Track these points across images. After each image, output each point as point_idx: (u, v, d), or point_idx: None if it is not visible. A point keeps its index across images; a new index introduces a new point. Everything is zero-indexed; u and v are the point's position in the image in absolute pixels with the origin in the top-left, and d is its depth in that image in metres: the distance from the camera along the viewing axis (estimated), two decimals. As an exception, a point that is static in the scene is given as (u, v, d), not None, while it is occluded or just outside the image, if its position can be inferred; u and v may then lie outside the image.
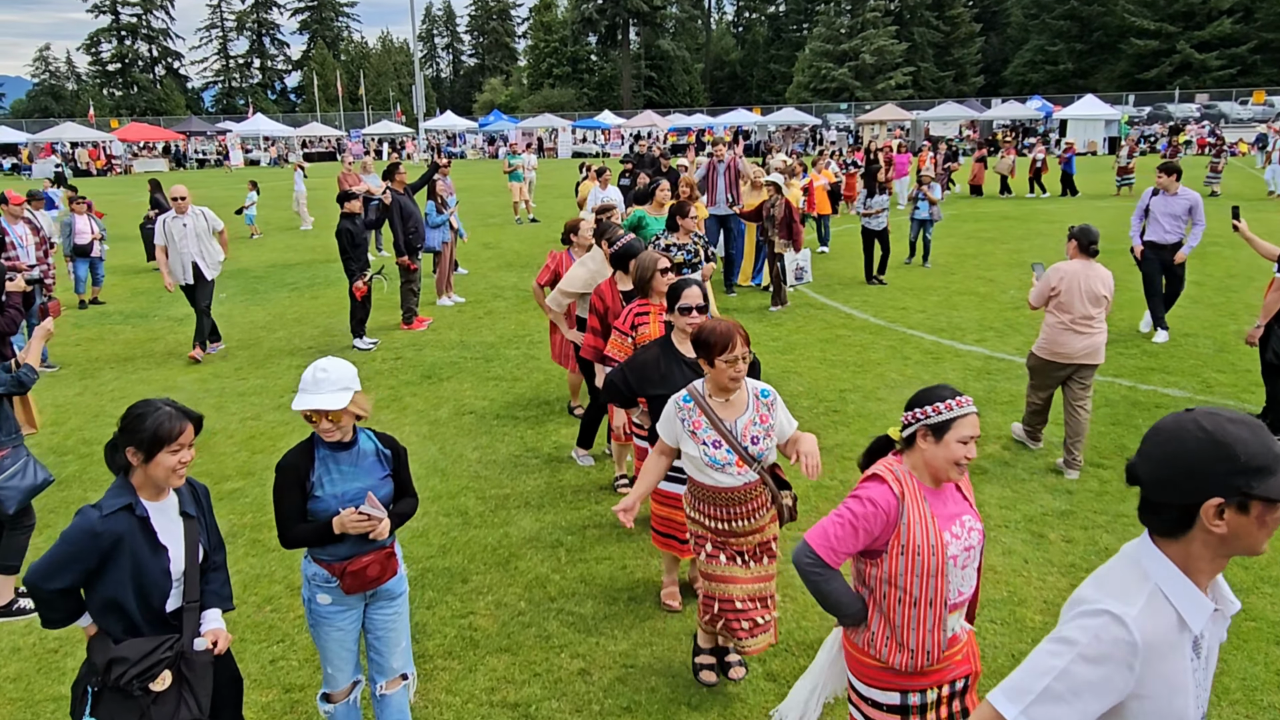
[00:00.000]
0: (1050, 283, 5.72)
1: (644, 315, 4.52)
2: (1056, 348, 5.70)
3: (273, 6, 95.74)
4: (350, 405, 2.91)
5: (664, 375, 3.76)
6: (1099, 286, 5.61)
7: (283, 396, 7.78)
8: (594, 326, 5.21)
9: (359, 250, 9.18)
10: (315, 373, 2.92)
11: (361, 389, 3.05)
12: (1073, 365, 5.69)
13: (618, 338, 4.56)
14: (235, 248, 17.44)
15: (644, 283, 4.48)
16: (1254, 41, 61.55)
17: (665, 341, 3.90)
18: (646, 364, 3.83)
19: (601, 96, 79.56)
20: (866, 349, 8.78)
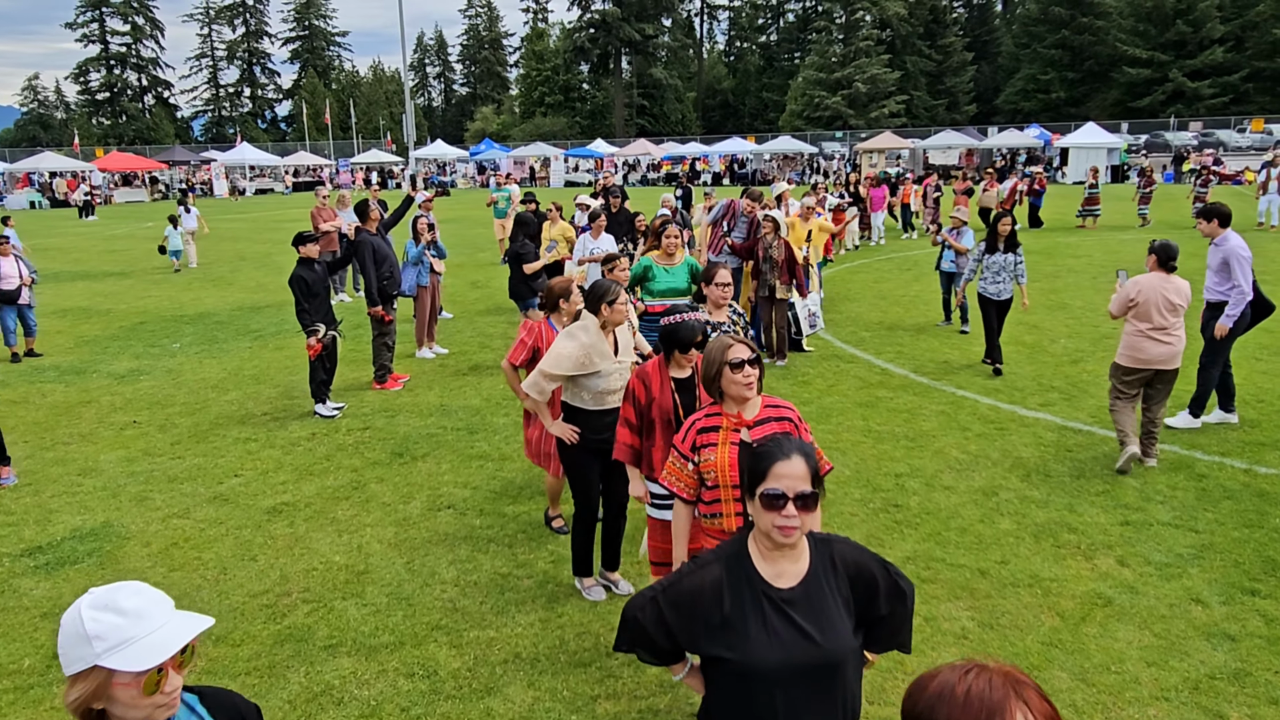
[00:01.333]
0: (1129, 294, 6.18)
1: (711, 431, 3.11)
2: (1137, 354, 6.16)
3: (264, 36, 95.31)
4: None
5: (727, 621, 2.08)
6: (1175, 297, 6.08)
7: (221, 483, 6.45)
8: (628, 419, 3.99)
9: (316, 302, 7.89)
10: (122, 599, 1.59)
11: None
12: (1151, 370, 6.16)
13: (677, 462, 3.19)
14: (201, 288, 16.16)
15: (711, 381, 3.15)
16: (1246, 70, 61.52)
17: (735, 552, 2.16)
18: (698, 596, 2.13)
19: (594, 125, 79.00)
20: (915, 415, 7.52)
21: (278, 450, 7.13)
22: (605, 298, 4.35)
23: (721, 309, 5.31)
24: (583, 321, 4.47)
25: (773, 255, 9.04)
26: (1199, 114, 60.77)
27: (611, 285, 4.50)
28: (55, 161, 50.29)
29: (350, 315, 12.48)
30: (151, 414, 8.26)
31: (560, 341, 4.42)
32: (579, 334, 4.40)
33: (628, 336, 4.61)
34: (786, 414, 3.08)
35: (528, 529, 5.51)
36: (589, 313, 4.45)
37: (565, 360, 4.35)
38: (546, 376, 4.40)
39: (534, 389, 4.43)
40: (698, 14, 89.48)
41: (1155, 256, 6.26)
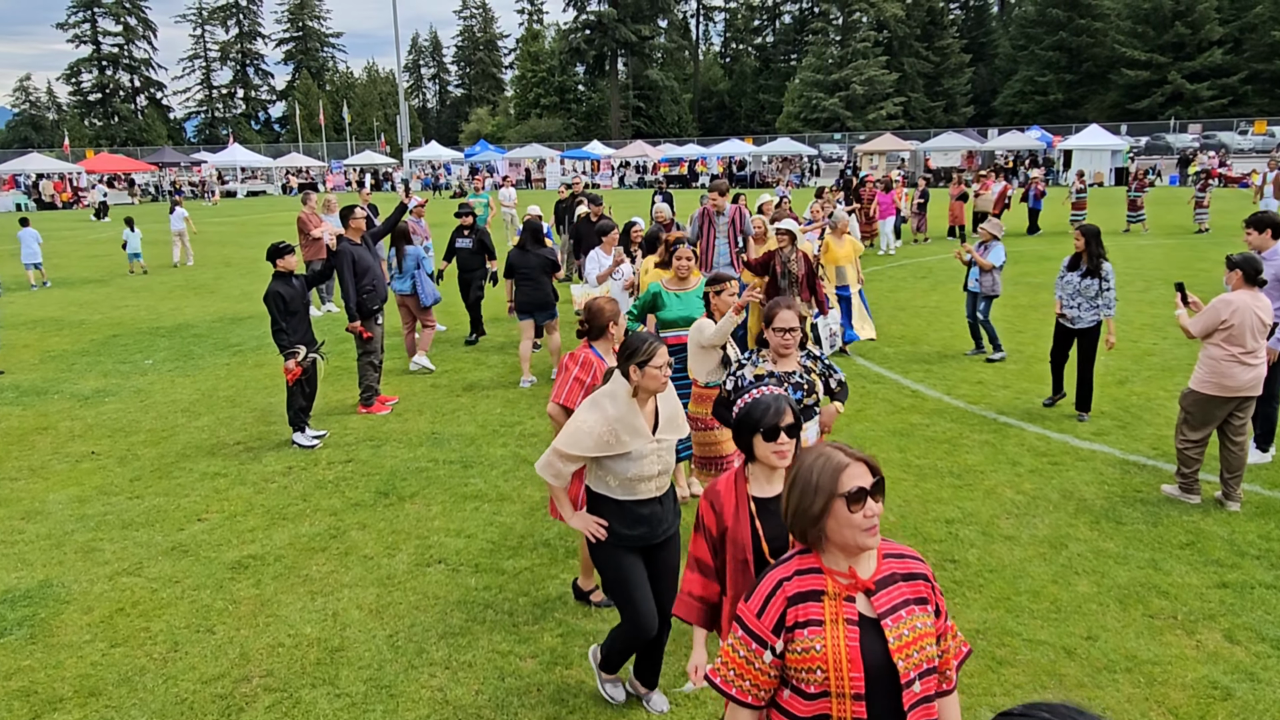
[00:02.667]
0: (1221, 315, 5.46)
1: (811, 601, 1.95)
2: (1224, 380, 5.48)
3: (257, 37, 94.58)
4: None
5: None
6: (1265, 316, 5.50)
7: (182, 529, 5.70)
8: (700, 559, 2.88)
9: (294, 320, 7.14)
10: None
11: None
12: (1236, 399, 5.51)
13: (743, 646, 2.00)
14: (181, 297, 15.39)
15: (809, 520, 1.96)
16: (1244, 72, 61.24)
17: None
18: None
19: (589, 126, 78.35)
20: (956, 446, 6.80)
21: (249, 488, 6.38)
22: (637, 357, 3.32)
23: (789, 357, 4.10)
24: (611, 387, 3.46)
25: (791, 270, 7.95)
26: (1198, 116, 60.41)
27: (647, 341, 3.56)
28: (42, 163, 49.42)
29: (335, 328, 11.72)
30: (113, 443, 7.50)
31: (582, 412, 3.44)
32: (605, 404, 3.41)
33: (673, 407, 3.60)
34: (917, 569, 2.03)
35: (530, 590, 4.77)
36: (619, 374, 3.45)
37: (585, 437, 3.37)
38: (562, 457, 3.43)
39: (547, 471, 3.48)
40: (693, 15, 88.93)
41: (1240, 272, 5.51)
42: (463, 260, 10.66)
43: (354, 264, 7.89)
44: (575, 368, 4.19)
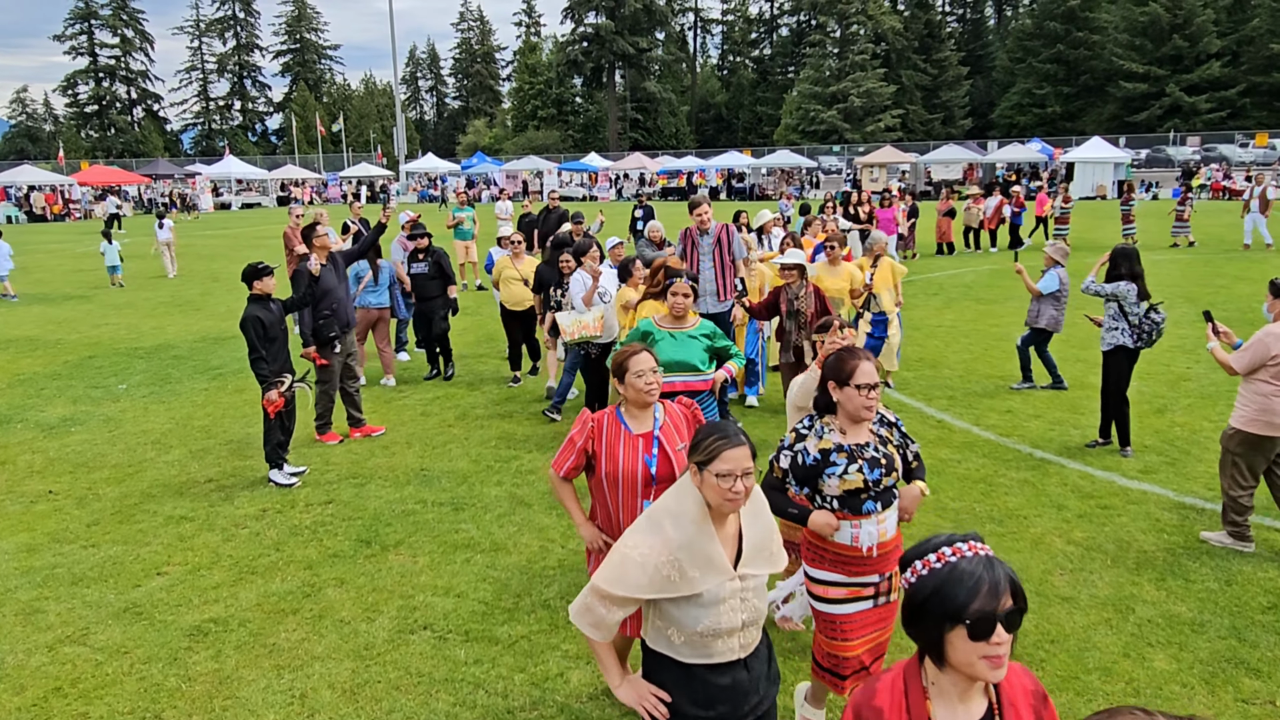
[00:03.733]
0: (1271, 350, 5.03)
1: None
2: (1275, 418, 5.04)
3: (255, 49, 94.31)
4: None
5: None
6: None
7: (139, 585, 5.10)
8: None
9: (273, 347, 6.58)
10: None
11: None
12: None
13: None
14: (165, 314, 14.80)
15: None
16: (1242, 85, 61.15)
17: None
18: None
19: (587, 139, 78.07)
20: (993, 486, 6.22)
21: (216, 535, 5.78)
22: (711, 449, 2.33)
23: (863, 424, 3.18)
24: (673, 500, 2.41)
25: (799, 309, 6.91)
26: (1196, 129, 60.20)
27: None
28: (34, 175, 48.84)
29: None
30: (73, 480, 6.91)
31: (632, 535, 2.40)
32: (664, 524, 2.36)
33: (764, 528, 2.50)
34: None
35: (527, 664, 4.18)
36: (694, 468, 2.38)
37: (636, 571, 2.33)
38: (603, 599, 2.40)
39: (584, 619, 2.45)
40: (690, 28, 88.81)
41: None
42: (419, 287, 9.53)
43: (311, 284, 7.35)
44: (575, 428, 3.47)
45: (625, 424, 3.41)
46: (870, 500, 3.12)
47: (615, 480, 3.38)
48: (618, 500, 3.41)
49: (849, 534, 3.12)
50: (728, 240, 7.87)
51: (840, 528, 3.11)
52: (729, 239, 7.88)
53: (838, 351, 3.24)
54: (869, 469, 3.10)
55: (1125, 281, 6.71)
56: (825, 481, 3.10)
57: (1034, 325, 8.62)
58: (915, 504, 3.30)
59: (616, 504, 3.42)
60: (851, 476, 3.07)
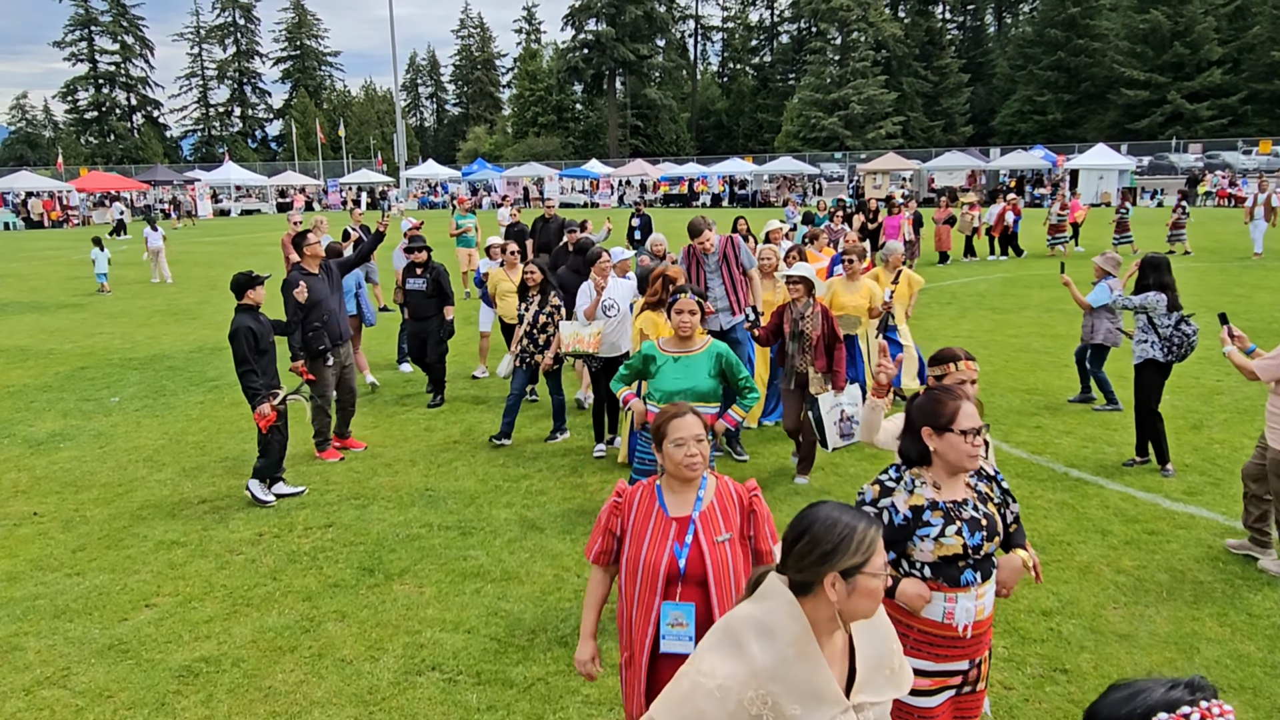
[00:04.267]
0: None
1: None
2: None
3: (255, 55, 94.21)
4: None
5: None
6: None
7: (125, 619, 4.76)
8: None
9: (264, 359, 6.27)
10: None
11: None
12: None
13: None
14: (161, 323, 14.47)
15: None
16: (1244, 92, 61.05)
17: None
18: None
19: (588, 145, 77.93)
20: (1031, 509, 5.89)
21: (210, 562, 5.45)
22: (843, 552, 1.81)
23: (959, 477, 2.68)
24: (764, 599, 1.87)
25: (804, 330, 6.14)
26: (1197, 136, 60.07)
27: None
28: (31, 181, 48.54)
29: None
30: (60, 501, 6.57)
31: (707, 657, 1.84)
32: (748, 641, 1.81)
33: (882, 641, 1.99)
34: None
35: (544, 711, 3.84)
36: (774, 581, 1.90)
37: (711, 707, 1.79)
38: None
39: None
40: (691, 35, 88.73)
41: None
42: (414, 305, 8.83)
43: (298, 310, 7.03)
44: (605, 510, 2.87)
45: (662, 502, 2.75)
46: (969, 569, 2.59)
47: (635, 570, 2.74)
48: (634, 596, 2.75)
49: (941, 609, 2.59)
50: (734, 252, 7.38)
51: (932, 600, 2.59)
52: (735, 250, 7.38)
53: (930, 391, 2.73)
54: (969, 532, 2.59)
55: (1154, 292, 6.41)
56: (916, 545, 2.59)
57: (1089, 341, 8.13)
58: (1016, 577, 2.79)
59: (633, 601, 2.76)
60: (949, 540, 2.56)
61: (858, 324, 7.46)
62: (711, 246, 7.29)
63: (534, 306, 7.49)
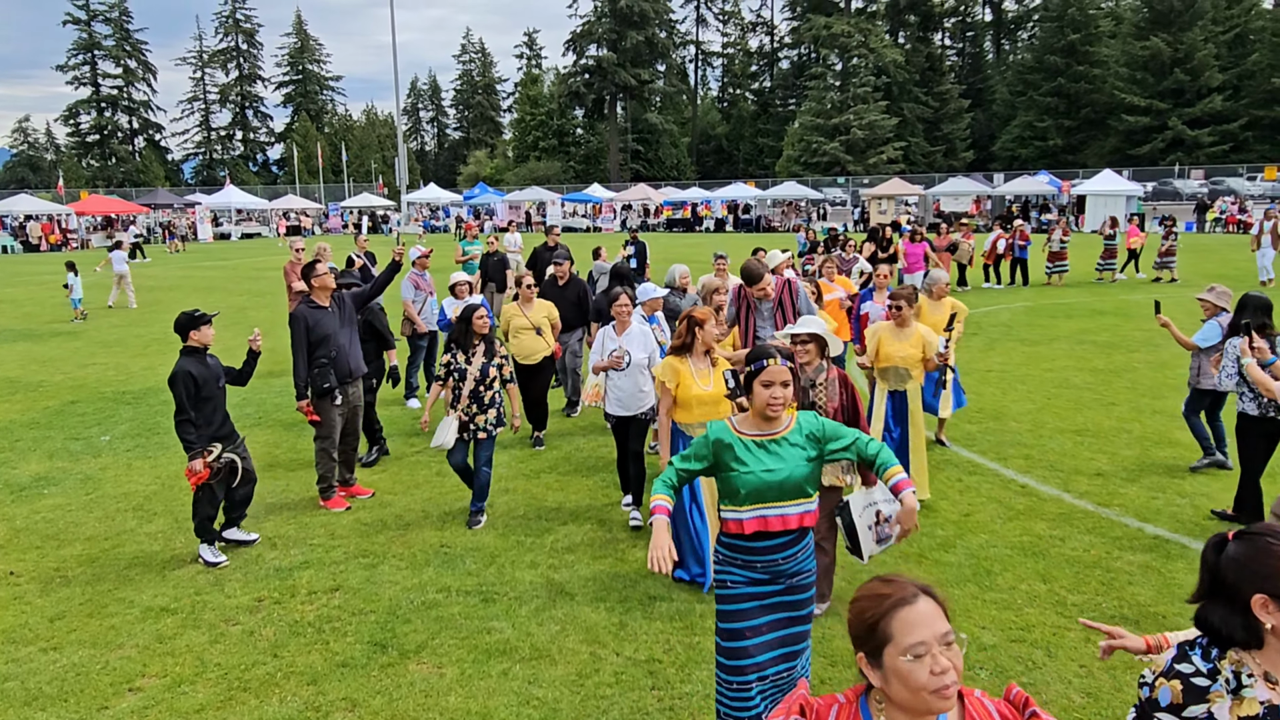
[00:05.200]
0: None
1: None
2: None
3: (257, 79, 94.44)
4: None
5: None
6: None
7: (105, 706, 4.17)
8: None
9: (206, 407, 5.76)
10: None
11: None
12: None
13: None
14: (156, 354, 13.92)
15: None
16: (1245, 118, 61.05)
17: None
18: None
19: (588, 169, 77.91)
20: (1112, 573, 5.33)
21: (203, 633, 4.88)
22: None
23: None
24: None
25: (816, 401, 4.68)
26: (1199, 162, 60.04)
27: None
28: (30, 204, 48.25)
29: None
30: (40, 558, 6.00)
31: None
32: None
33: None
34: None
35: (594, 833, 3.28)
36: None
37: None
38: None
39: None
40: (691, 60, 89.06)
41: None
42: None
43: (308, 330, 6.53)
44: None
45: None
46: None
47: None
48: None
49: None
50: (791, 298, 6.43)
51: None
52: (793, 295, 6.43)
53: (1260, 539, 1.90)
54: None
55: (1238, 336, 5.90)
56: None
57: (1196, 386, 7.12)
58: None
59: None
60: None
61: (908, 378, 6.53)
62: (770, 294, 6.40)
63: (479, 358, 6.27)
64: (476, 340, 6.29)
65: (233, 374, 6.15)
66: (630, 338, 6.37)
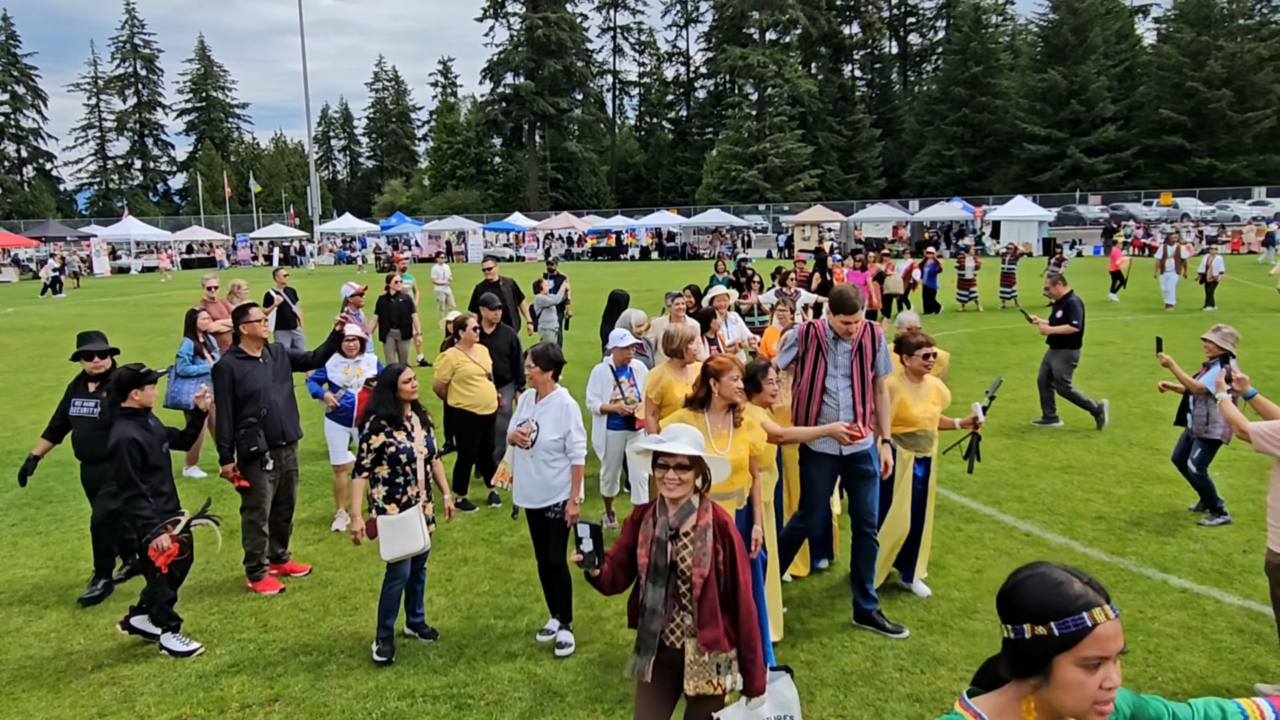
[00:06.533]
0: None
1: None
2: None
3: (157, 106, 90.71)
4: None
5: None
6: None
7: None
8: None
9: (155, 477, 4.92)
10: None
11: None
12: None
13: None
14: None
15: None
16: (1136, 147, 64.30)
17: None
18: None
19: (508, 198, 77.12)
20: (1151, 635, 4.87)
21: (110, 774, 3.96)
22: None
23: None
24: None
25: (680, 561, 3.19)
26: (1096, 188, 62.94)
27: None
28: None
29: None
30: (-101, 674, 4.93)
31: None
32: None
33: None
34: None
35: None
36: None
37: None
38: None
39: None
40: (609, 90, 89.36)
41: None
42: (81, 438, 5.79)
43: (233, 384, 5.67)
44: None
45: None
46: None
47: None
48: None
49: None
50: (872, 346, 5.08)
51: None
52: (874, 344, 5.09)
53: None
54: None
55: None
56: None
57: (1205, 436, 6.48)
58: None
59: None
60: None
61: (931, 443, 5.47)
62: (854, 332, 5.01)
63: (419, 430, 5.03)
64: (408, 411, 5.05)
65: (175, 437, 5.27)
66: (547, 409, 4.93)
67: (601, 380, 6.18)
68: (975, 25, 69.50)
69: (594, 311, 10.52)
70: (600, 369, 6.10)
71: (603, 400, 6.31)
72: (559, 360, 5.04)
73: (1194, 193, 56.03)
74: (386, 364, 7.81)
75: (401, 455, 4.88)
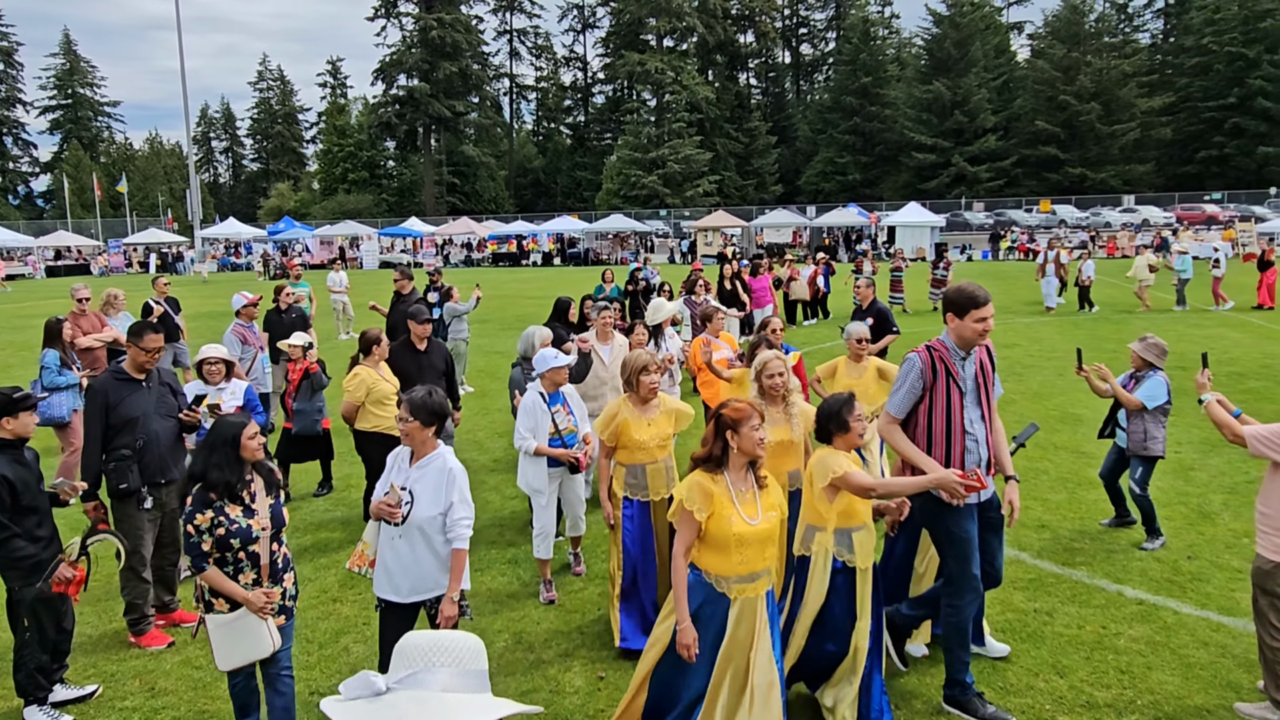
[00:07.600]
0: None
1: None
2: None
3: (17, 104, 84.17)
4: None
5: None
6: None
7: None
8: None
9: (29, 520, 4.23)
10: None
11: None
12: None
13: None
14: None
15: None
16: (1015, 157, 67.54)
17: None
18: None
19: (403, 202, 75.00)
20: (1119, 654, 4.70)
21: None
22: None
23: None
24: None
25: None
26: (980, 195, 65.85)
27: None
28: None
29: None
30: None
31: None
32: None
33: None
34: None
35: None
36: None
37: None
38: None
39: None
40: (506, 94, 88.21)
41: None
42: None
43: (106, 409, 4.93)
44: None
45: None
46: None
47: None
48: None
49: None
50: (991, 364, 4.31)
51: None
52: (992, 362, 4.32)
53: None
54: None
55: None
56: None
57: (1144, 454, 6.13)
58: None
59: None
60: None
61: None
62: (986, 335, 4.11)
63: (263, 501, 3.83)
64: (249, 474, 3.82)
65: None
66: (425, 475, 3.90)
67: (533, 413, 5.35)
68: (864, 37, 71.71)
69: (498, 319, 9.95)
70: (530, 399, 5.33)
71: (538, 438, 5.41)
72: (442, 412, 3.93)
73: (1070, 200, 59.14)
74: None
75: (233, 540, 3.66)
